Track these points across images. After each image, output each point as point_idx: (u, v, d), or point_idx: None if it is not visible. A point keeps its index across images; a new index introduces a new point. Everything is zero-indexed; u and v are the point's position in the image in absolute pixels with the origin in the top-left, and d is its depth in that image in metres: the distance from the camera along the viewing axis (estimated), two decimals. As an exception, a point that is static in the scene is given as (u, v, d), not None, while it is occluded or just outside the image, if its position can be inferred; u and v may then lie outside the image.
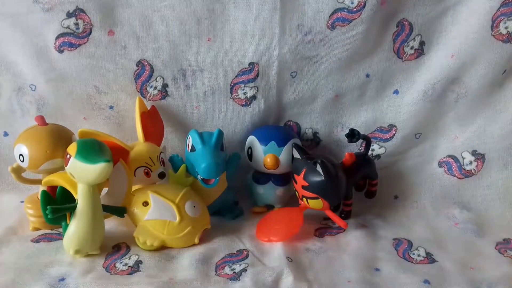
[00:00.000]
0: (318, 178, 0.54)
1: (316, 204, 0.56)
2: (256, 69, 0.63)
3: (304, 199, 0.56)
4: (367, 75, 0.65)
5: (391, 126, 0.67)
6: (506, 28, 0.59)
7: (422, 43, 0.63)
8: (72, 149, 0.48)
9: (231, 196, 0.64)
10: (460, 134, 0.66)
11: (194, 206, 0.56)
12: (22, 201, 0.63)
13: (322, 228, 0.61)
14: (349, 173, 0.59)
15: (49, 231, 0.58)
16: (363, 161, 0.61)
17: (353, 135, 0.54)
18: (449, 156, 0.67)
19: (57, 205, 0.50)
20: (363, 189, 0.66)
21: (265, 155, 0.61)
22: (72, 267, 0.50)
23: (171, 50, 0.62)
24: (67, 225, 0.51)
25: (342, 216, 0.61)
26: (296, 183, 0.57)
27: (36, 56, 0.61)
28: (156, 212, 0.54)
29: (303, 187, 0.55)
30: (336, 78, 0.65)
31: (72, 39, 0.60)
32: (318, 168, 0.53)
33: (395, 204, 0.68)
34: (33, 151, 0.54)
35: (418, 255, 0.55)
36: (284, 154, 0.61)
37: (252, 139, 0.63)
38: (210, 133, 0.59)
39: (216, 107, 0.66)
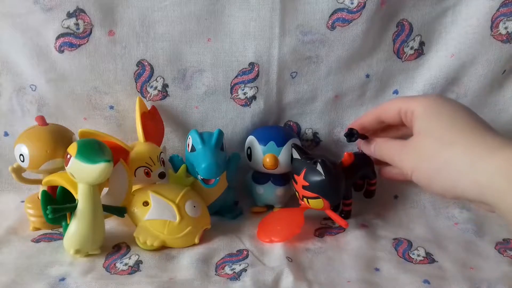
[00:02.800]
0: (319, 177, 0.54)
1: (317, 204, 0.56)
2: (256, 69, 0.63)
3: (305, 199, 0.56)
4: (367, 75, 0.65)
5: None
6: (506, 28, 0.59)
7: (422, 44, 0.63)
8: (72, 149, 0.48)
9: (231, 196, 0.64)
10: (460, 134, 0.66)
11: (194, 206, 0.56)
12: (22, 201, 0.63)
13: (322, 228, 0.61)
14: (348, 173, 0.58)
15: (50, 231, 0.58)
16: (362, 160, 0.61)
17: (351, 134, 0.54)
18: (449, 156, 0.67)
19: (58, 205, 0.50)
20: (362, 189, 0.66)
21: (264, 155, 0.61)
22: (73, 267, 0.50)
23: (171, 50, 0.62)
24: (67, 225, 0.51)
25: (342, 216, 0.61)
26: (296, 183, 0.57)
27: (37, 56, 0.61)
28: (156, 212, 0.54)
29: (304, 187, 0.55)
30: (336, 78, 0.65)
31: (73, 39, 0.60)
32: (319, 167, 0.53)
33: (395, 204, 0.68)
34: (34, 151, 0.54)
35: (418, 255, 0.55)
36: (283, 154, 0.61)
37: (251, 139, 0.63)
38: (210, 133, 0.59)
39: (216, 107, 0.66)
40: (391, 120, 0.48)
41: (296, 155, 0.57)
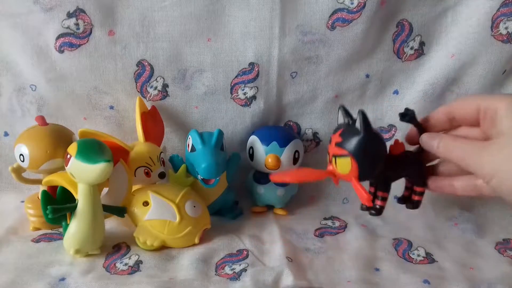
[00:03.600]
0: (355, 134, 0.45)
1: (344, 164, 0.46)
2: (256, 69, 0.63)
3: (333, 159, 0.47)
4: (367, 75, 0.65)
5: (391, 126, 0.67)
6: (506, 28, 0.59)
7: (422, 44, 0.63)
8: (72, 149, 0.48)
9: (231, 196, 0.64)
10: (460, 134, 0.66)
11: (194, 206, 0.56)
12: (22, 201, 0.63)
13: (322, 228, 0.61)
14: (392, 164, 0.48)
15: (50, 231, 0.58)
16: (412, 160, 0.50)
17: (405, 114, 0.47)
18: (449, 156, 0.67)
19: (58, 205, 0.50)
20: (407, 201, 0.53)
21: (266, 155, 0.61)
22: (73, 267, 0.50)
23: (171, 50, 0.62)
24: (67, 225, 0.51)
25: (372, 213, 0.50)
26: (330, 143, 0.48)
27: (37, 56, 0.61)
28: (156, 212, 0.54)
29: (336, 144, 0.47)
30: (336, 78, 0.65)
31: (73, 39, 0.60)
32: (357, 122, 0.45)
33: (395, 204, 0.68)
34: (34, 151, 0.54)
35: (418, 255, 0.55)
36: (285, 155, 0.61)
37: (253, 139, 0.63)
38: (210, 133, 0.59)
39: (216, 107, 0.66)
40: (465, 118, 0.43)
41: (341, 119, 0.49)
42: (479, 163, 0.39)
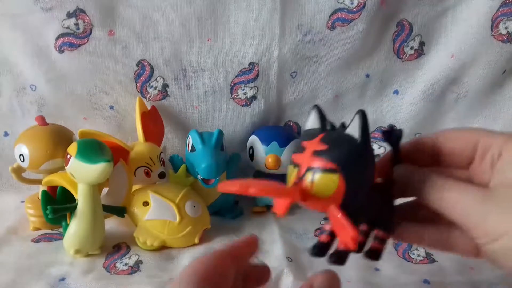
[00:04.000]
0: (348, 141, 0.30)
1: (327, 183, 0.29)
2: (256, 69, 0.63)
3: (309, 174, 0.29)
4: (367, 75, 0.65)
5: (391, 126, 0.67)
6: (506, 28, 0.59)
7: (422, 43, 0.63)
8: (72, 149, 0.48)
9: (231, 196, 0.64)
10: (460, 134, 0.66)
11: (194, 206, 0.56)
12: (22, 201, 0.63)
13: (322, 228, 0.61)
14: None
15: (50, 231, 0.58)
16: (386, 194, 0.35)
17: (390, 132, 0.37)
18: (449, 156, 0.67)
19: (58, 205, 0.50)
20: (363, 248, 0.37)
21: (266, 155, 0.61)
22: (73, 267, 0.50)
23: (171, 50, 0.62)
24: (67, 225, 0.51)
25: (333, 260, 0.34)
26: (301, 151, 0.31)
27: (37, 56, 0.61)
28: (156, 212, 0.54)
29: (315, 153, 0.30)
30: (336, 78, 0.65)
31: (73, 39, 0.60)
32: (354, 122, 0.31)
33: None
34: (34, 151, 0.54)
35: (418, 255, 0.55)
36: (285, 155, 0.61)
37: (253, 139, 0.63)
38: (210, 133, 0.59)
39: (216, 107, 0.66)
40: (454, 154, 0.33)
41: (312, 122, 0.36)
42: (479, 217, 0.29)
